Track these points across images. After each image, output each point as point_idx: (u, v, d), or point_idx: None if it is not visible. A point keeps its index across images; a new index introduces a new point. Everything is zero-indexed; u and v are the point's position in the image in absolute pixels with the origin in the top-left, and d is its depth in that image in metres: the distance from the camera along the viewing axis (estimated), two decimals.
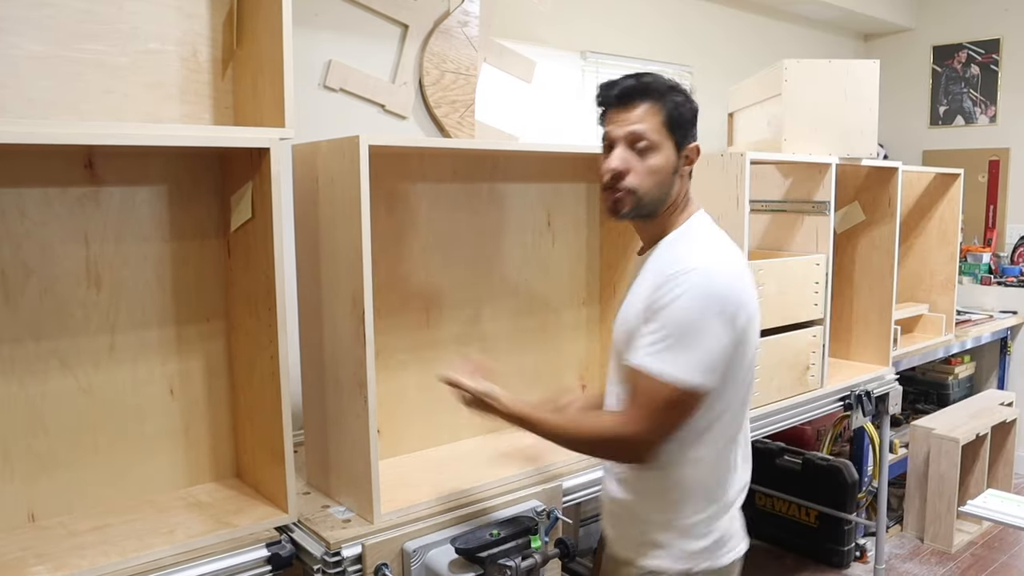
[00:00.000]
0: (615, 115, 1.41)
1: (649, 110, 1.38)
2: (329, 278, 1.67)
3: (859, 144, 2.72)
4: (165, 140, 1.43)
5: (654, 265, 1.41)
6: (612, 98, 1.41)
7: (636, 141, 1.38)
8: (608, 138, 1.42)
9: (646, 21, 3.47)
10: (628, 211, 1.41)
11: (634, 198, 1.39)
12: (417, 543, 1.57)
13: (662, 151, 1.39)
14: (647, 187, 1.39)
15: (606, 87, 1.43)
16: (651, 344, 1.32)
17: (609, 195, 1.41)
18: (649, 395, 1.31)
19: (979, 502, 2.51)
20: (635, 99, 1.39)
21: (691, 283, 1.31)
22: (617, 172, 1.39)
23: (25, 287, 1.54)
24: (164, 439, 1.73)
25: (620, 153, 1.39)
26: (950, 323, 3.57)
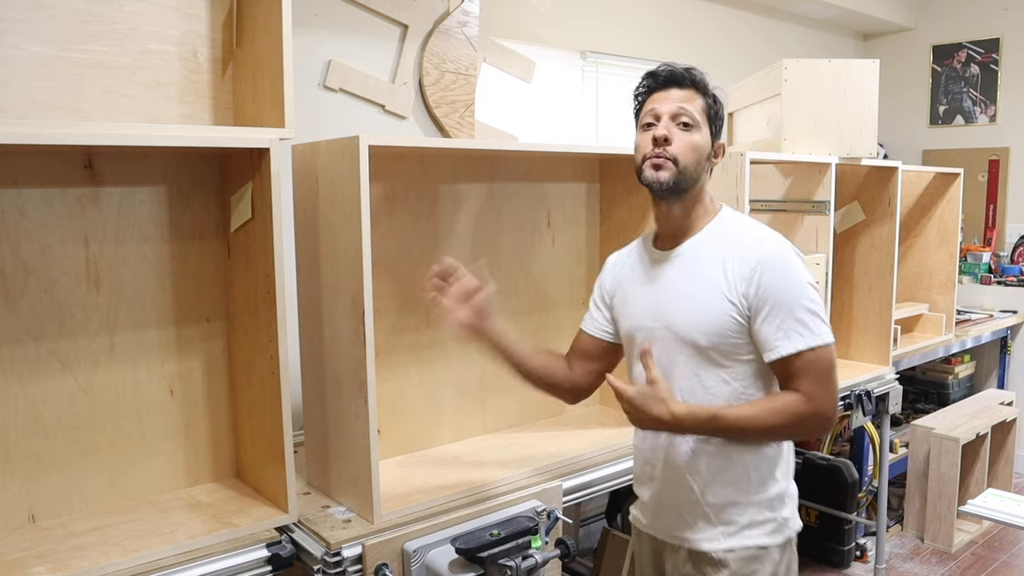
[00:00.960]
0: (661, 95, 1.46)
1: (694, 94, 1.46)
2: (329, 278, 1.67)
3: (859, 144, 2.72)
4: (165, 140, 1.43)
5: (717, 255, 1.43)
6: (660, 80, 1.47)
7: (680, 116, 1.43)
8: (652, 114, 1.45)
9: (646, 21, 3.47)
10: (668, 178, 1.42)
11: (676, 168, 1.42)
12: (417, 543, 1.57)
13: (701, 132, 1.45)
14: (687, 160, 1.43)
15: (653, 73, 1.49)
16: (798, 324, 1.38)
17: (651, 163, 1.43)
18: (821, 367, 1.38)
19: (979, 502, 2.51)
20: (683, 83, 1.46)
21: (788, 257, 1.41)
22: (664, 138, 1.42)
23: (25, 287, 1.54)
24: (164, 439, 1.73)
25: (666, 123, 1.43)
26: (950, 323, 3.57)
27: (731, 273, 1.41)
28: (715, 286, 1.42)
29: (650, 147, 1.44)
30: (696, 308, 1.43)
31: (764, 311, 1.39)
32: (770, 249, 1.42)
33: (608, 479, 1.94)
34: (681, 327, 1.45)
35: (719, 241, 1.46)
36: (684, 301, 1.45)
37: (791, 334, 1.38)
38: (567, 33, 3.13)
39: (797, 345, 1.38)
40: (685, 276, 1.47)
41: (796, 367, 1.39)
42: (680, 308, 1.46)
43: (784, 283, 1.39)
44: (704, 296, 1.43)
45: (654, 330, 1.49)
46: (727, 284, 1.41)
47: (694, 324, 1.43)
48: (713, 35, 3.79)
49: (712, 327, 1.42)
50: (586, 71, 3.25)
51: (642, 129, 1.48)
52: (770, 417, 1.38)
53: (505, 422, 2.24)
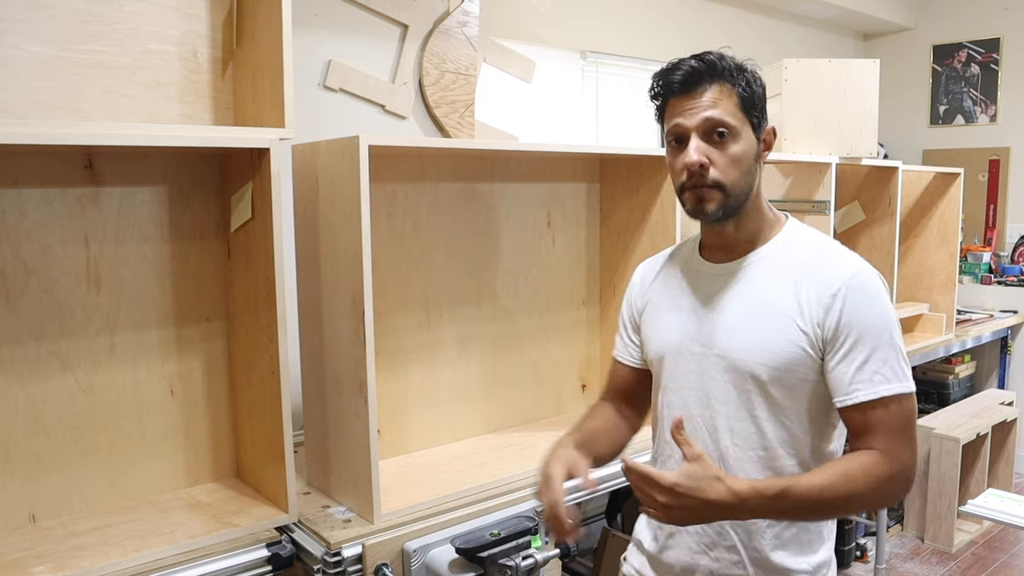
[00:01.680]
0: (681, 103, 1.20)
1: (721, 92, 1.19)
2: (329, 278, 1.67)
3: (859, 143, 2.72)
4: (165, 140, 1.43)
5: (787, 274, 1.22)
6: (675, 84, 1.20)
7: (713, 129, 1.18)
8: (677, 130, 1.21)
9: (646, 21, 3.47)
10: (717, 209, 1.20)
11: (722, 194, 1.19)
12: (417, 543, 1.57)
13: (742, 137, 1.20)
14: (733, 179, 1.19)
15: (665, 73, 1.23)
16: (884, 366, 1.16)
17: (692, 195, 1.21)
18: (901, 418, 1.16)
19: (980, 502, 2.51)
20: (703, 82, 1.19)
21: (875, 285, 1.20)
22: (697, 165, 1.18)
23: (25, 288, 1.54)
24: (164, 439, 1.73)
25: (696, 144, 1.18)
26: (950, 322, 3.57)
27: (805, 297, 1.18)
28: (784, 311, 1.19)
29: (685, 176, 1.20)
30: (759, 335, 1.20)
31: (845, 346, 1.16)
32: (855, 273, 1.19)
33: (608, 479, 1.94)
34: (739, 355, 1.22)
35: (788, 258, 1.24)
36: (744, 325, 1.22)
37: (875, 377, 1.15)
38: (567, 33, 3.13)
39: (880, 391, 1.15)
40: (746, 296, 1.24)
41: (874, 418, 1.15)
42: (738, 333, 1.22)
43: (871, 315, 1.17)
44: (770, 321, 1.20)
45: (700, 357, 1.26)
46: (799, 310, 1.18)
47: (756, 353, 1.20)
48: (713, 35, 3.78)
49: (778, 358, 1.19)
50: (586, 71, 3.25)
51: (670, 147, 1.24)
52: (847, 485, 1.11)
53: (505, 422, 2.24)
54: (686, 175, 1.20)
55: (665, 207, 2.17)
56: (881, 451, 1.14)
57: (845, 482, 1.11)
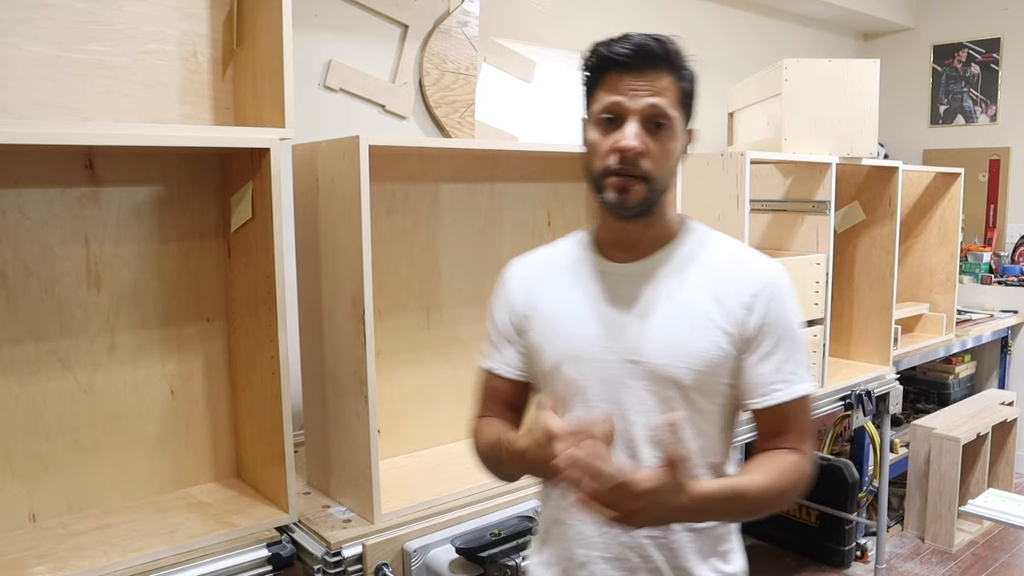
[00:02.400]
0: (627, 80, 1.09)
1: (667, 81, 1.10)
2: (329, 278, 1.67)
3: (859, 143, 2.72)
4: (165, 140, 1.43)
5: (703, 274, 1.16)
6: (626, 58, 1.09)
7: (655, 117, 1.09)
8: (614, 109, 1.10)
9: (646, 21, 3.47)
10: (639, 204, 1.11)
11: (647, 188, 1.10)
12: (417, 543, 1.57)
13: (677, 133, 1.12)
14: (662, 174, 1.11)
15: (615, 43, 1.11)
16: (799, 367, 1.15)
17: (616, 184, 1.10)
18: (808, 416, 1.17)
19: (980, 502, 2.51)
20: (655, 65, 1.09)
21: (790, 290, 1.17)
22: (635, 152, 1.08)
23: (25, 288, 1.54)
24: (164, 439, 1.73)
25: (635, 130, 1.08)
26: (951, 322, 3.57)
27: (725, 298, 1.14)
28: (703, 311, 1.13)
29: (614, 160, 1.09)
30: (681, 338, 1.13)
31: (764, 347, 1.13)
32: (773, 274, 1.16)
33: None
34: (659, 360, 1.13)
35: (701, 258, 1.18)
36: (663, 328, 1.14)
37: (791, 377, 1.14)
38: (567, 33, 3.13)
39: (796, 391, 1.14)
40: (659, 297, 1.16)
41: (788, 416, 1.14)
42: (654, 336, 1.13)
43: (788, 316, 1.15)
44: (691, 323, 1.13)
45: (608, 364, 1.15)
46: (720, 310, 1.13)
47: (678, 357, 1.12)
48: (713, 35, 3.79)
49: (701, 361, 1.12)
50: None
51: (599, 125, 1.12)
52: (783, 482, 1.11)
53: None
54: (615, 159, 1.09)
55: None
56: (797, 449, 1.14)
57: (781, 480, 1.10)
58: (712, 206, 2.38)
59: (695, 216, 1.25)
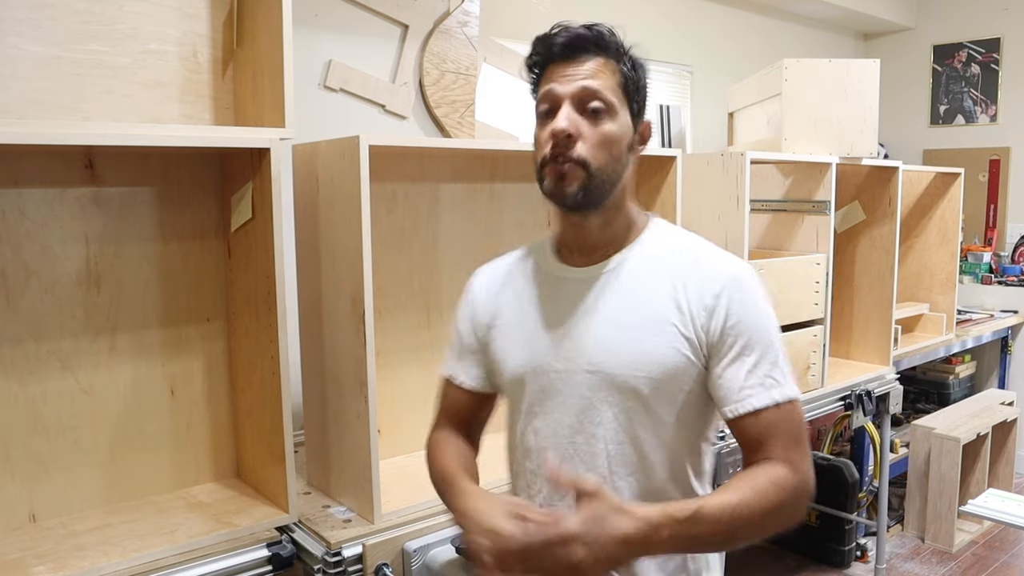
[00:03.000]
0: (559, 69, 1.08)
1: (604, 66, 1.08)
2: (329, 278, 1.67)
3: (859, 143, 2.72)
4: (165, 140, 1.43)
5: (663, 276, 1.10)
6: (556, 49, 1.09)
7: (588, 100, 1.06)
8: (549, 97, 1.08)
9: (646, 21, 3.47)
10: (576, 190, 1.06)
11: (584, 174, 1.06)
12: (418, 543, 1.57)
13: (618, 117, 1.08)
14: (601, 161, 1.06)
15: (546, 38, 1.10)
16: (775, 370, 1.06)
17: (552, 171, 1.07)
18: (796, 424, 1.06)
19: (980, 502, 2.51)
20: (588, 51, 1.08)
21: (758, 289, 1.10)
22: (565, 135, 1.05)
23: (26, 288, 1.54)
24: (164, 439, 1.73)
25: (568, 112, 1.06)
26: (951, 322, 3.57)
27: (685, 300, 1.07)
28: (663, 316, 1.07)
29: (549, 147, 1.06)
30: (639, 344, 1.07)
31: (732, 350, 1.06)
32: (737, 273, 1.09)
33: None
34: (615, 369, 1.07)
35: (660, 259, 1.12)
36: (619, 335, 1.08)
37: (767, 381, 1.05)
38: None
39: (774, 396, 1.04)
40: (618, 302, 1.10)
41: (767, 425, 1.04)
42: (613, 344, 1.08)
43: (757, 316, 1.07)
44: (648, 329, 1.07)
45: (565, 374, 1.10)
46: (680, 315, 1.07)
47: (636, 365, 1.06)
48: (713, 35, 3.79)
49: (660, 369, 1.06)
50: None
51: (540, 119, 1.10)
52: (760, 500, 0.98)
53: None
54: (550, 146, 1.06)
55: (666, 207, 2.17)
56: (782, 461, 1.02)
57: (757, 497, 0.98)
58: (712, 206, 2.38)
59: (696, 216, 1.22)
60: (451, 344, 1.28)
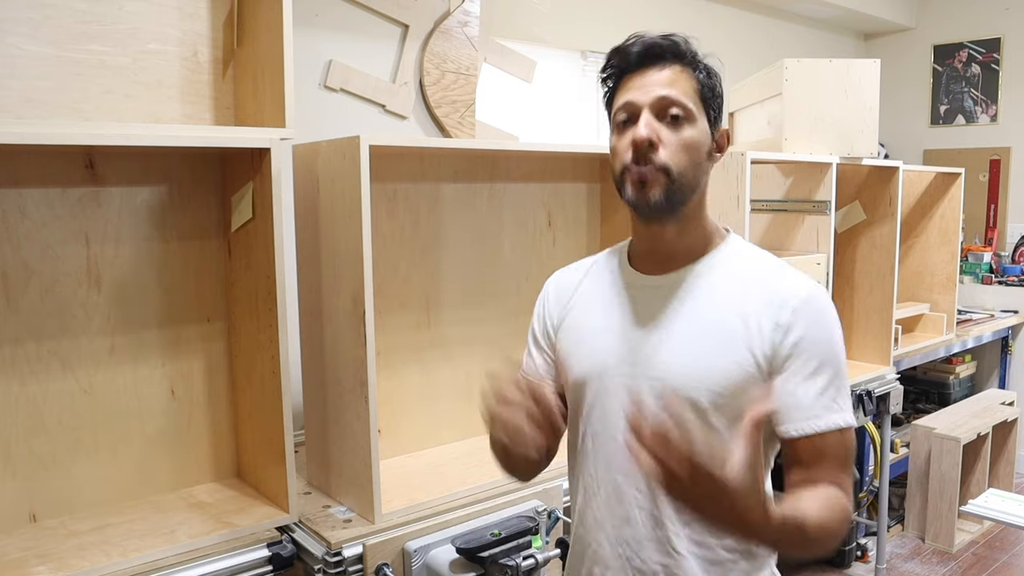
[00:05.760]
0: (636, 80, 1.09)
1: (680, 74, 1.08)
2: (329, 278, 1.67)
3: (860, 143, 2.72)
4: (166, 140, 1.43)
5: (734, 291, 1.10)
6: (633, 59, 1.09)
7: (667, 108, 1.06)
8: (627, 108, 1.08)
9: (646, 21, 3.46)
10: (660, 196, 1.06)
11: (667, 180, 1.06)
12: (418, 543, 1.57)
13: (697, 124, 1.08)
14: (683, 166, 1.07)
15: (622, 49, 1.11)
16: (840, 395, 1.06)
17: (634, 177, 1.07)
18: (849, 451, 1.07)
19: (980, 502, 2.51)
20: (663, 59, 1.08)
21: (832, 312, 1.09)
22: (647, 142, 1.05)
23: (26, 287, 1.54)
24: (165, 439, 1.73)
25: (648, 119, 1.06)
26: (951, 322, 3.57)
27: (756, 317, 1.06)
28: (731, 330, 1.07)
29: (630, 156, 1.07)
30: (703, 357, 1.07)
31: (805, 369, 1.04)
32: (812, 292, 1.08)
33: None
34: (678, 379, 1.07)
35: (734, 273, 1.12)
36: (685, 344, 1.08)
37: (832, 405, 1.04)
38: (567, 33, 3.13)
39: (838, 421, 1.04)
40: (688, 312, 1.10)
41: (825, 448, 1.04)
42: (677, 354, 1.08)
43: (832, 339, 1.07)
44: (715, 341, 1.07)
45: (630, 379, 1.11)
46: (747, 330, 1.06)
47: (697, 377, 1.06)
48: (713, 35, 3.78)
49: (723, 383, 1.05)
50: (586, 71, 3.25)
51: (617, 128, 1.11)
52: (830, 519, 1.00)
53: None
54: (631, 154, 1.07)
55: None
56: (835, 485, 1.03)
57: (828, 514, 1.00)
58: (712, 206, 2.35)
59: None
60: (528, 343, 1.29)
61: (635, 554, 1.11)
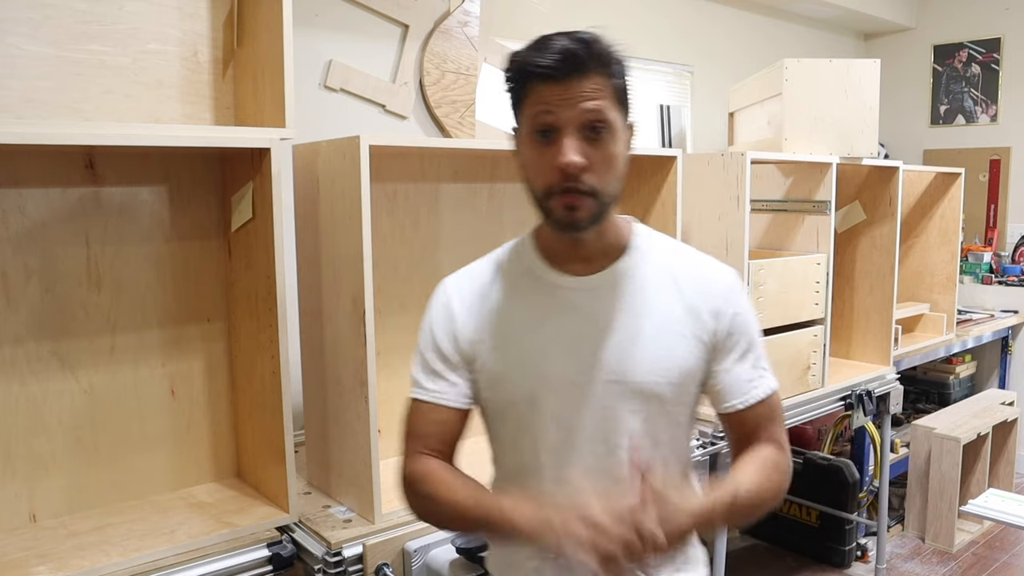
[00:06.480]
0: (552, 91, 1.01)
1: (600, 81, 1.02)
2: (330, 278, 1.67)
3: (860, 143, 2.72)
4: (166, 140, 1.44)
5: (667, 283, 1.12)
6: (550, 68, 1.00)
7: (591, 124, 1.01)
8: (548, 122, 1.02)
9: (646, 21, 3.47)
10: (588, 219, 1.05)
11: (595, 204, 1.04)
12: (418, 543, 1.57)
13: (618, 135, 1.05)
14: (609, 184, 1.04)
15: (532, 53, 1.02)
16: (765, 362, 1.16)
17: (562, 202, 1.03)
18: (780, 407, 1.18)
19: (980, 502, 2.51)
20: (583, 68, 1.01)
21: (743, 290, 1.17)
22: (577, 167, 1.01)
23: (26, 287, 1.54)
24: (165, 439, 1.73)
25: (573, 144, 1.01)
26: (951, 322, 3.57)
27: (695, 306, 1.11)
28: (678, 321, 1.10)
29: (556, 178, 1.02)
30: (656, 351, 1.09)
31: (738, 348, 1.13)
32: (732, 276, 1.16)
33: None
34: (638, 377, 1.08)
35: (660, 265, 1.14)
36: (637, 343, 1.09)
37: (764, 374, 1.15)
38: None
39: (770, 386, 1.16)
40: (630, 310, 1.10)
41: (763, 412, 1.14)
42: (632, 353, 1.08)
43: (750, 315, 1.16)
44: (667, 335, 1.09)
45: (584, 387, 1.09)
46: (692, 320, 1.10)
47: (657, 372, 1.08)
48: (713, 35, 3.78)
49: (680, 374, 1.10)
50: None
51: (531, 141, 1.05)
52: (768, 480, 1.10)
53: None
54: (557, 178, 1.02)
55: (666, 207, 2.17)
56: (773, 441, 1.14)
57: (766, 477, 1.09)
58: (712, 206, 2.38)
59: (696, 216, 1.22)
60: (424, 363, 1.18)
61: None
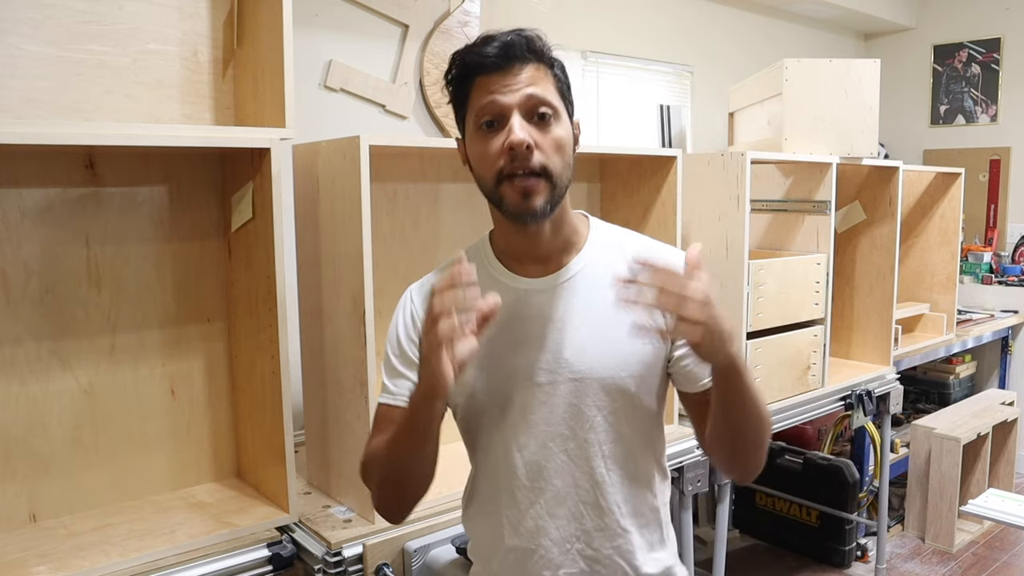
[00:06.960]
0: (494, 80, 1.04)
1: (540, 71, 1.06)
2: (330, 278, 1.67)
3: (860, 143, 2.72)
4: (166, 140, 1.44)
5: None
6: (489, 59, 1.05)
7: (536, 107, 1.04)
8: (492, 109, 1.04)
9: (646, 21, 3.47)
10: (544, 204, 1.05)
11: (548, 185, 1.04)
12: (418, 543, 1.57)
13: (563, 121, 1.07)
14: (559, 167, 1.05)
15: (474, 48, 1.07)
16: None
17: (515, 187, 1.04)
18: None
19: (980, 501, 2.51)
20: (522, 58, 1.06)
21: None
22: (524, 146, 1.01)
23: (26, 288, 1.54)
24: (165, 439, 1.73)
25: (520, 122, 1.02)
26: (951, 322, 3.57)
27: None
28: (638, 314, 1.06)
29: (504, 161, 1.03)
30: (618, 346, 1.10)
31: None
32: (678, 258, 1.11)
33: None
34: (602, 373, 1.10)
35: (614, 257, 1.14)
36: (598, 340, 1.10)
37: None
38: (567, 33, 3.13)
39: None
40: (589, 308, 1.11)
41: None
42: (594, 350, 1.10)
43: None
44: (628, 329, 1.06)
45: (549, 386, 1.10)
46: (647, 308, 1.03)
47: (620, 367, 1.10)
48: (713, 35, 3.79)
49: (641, 365, 1.11)
50: (586, 71, 3.25)
51: (480, 132, 1.06)
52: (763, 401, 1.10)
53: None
54: (505, 160, 1.03)
55: (666, 207, 2.17)
56: None
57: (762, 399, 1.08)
58: (712, 206, 2.38)
59: (696, 216, 1.22)
60: (389, 368, 1.18)
61: (586, 546, 1.13)
